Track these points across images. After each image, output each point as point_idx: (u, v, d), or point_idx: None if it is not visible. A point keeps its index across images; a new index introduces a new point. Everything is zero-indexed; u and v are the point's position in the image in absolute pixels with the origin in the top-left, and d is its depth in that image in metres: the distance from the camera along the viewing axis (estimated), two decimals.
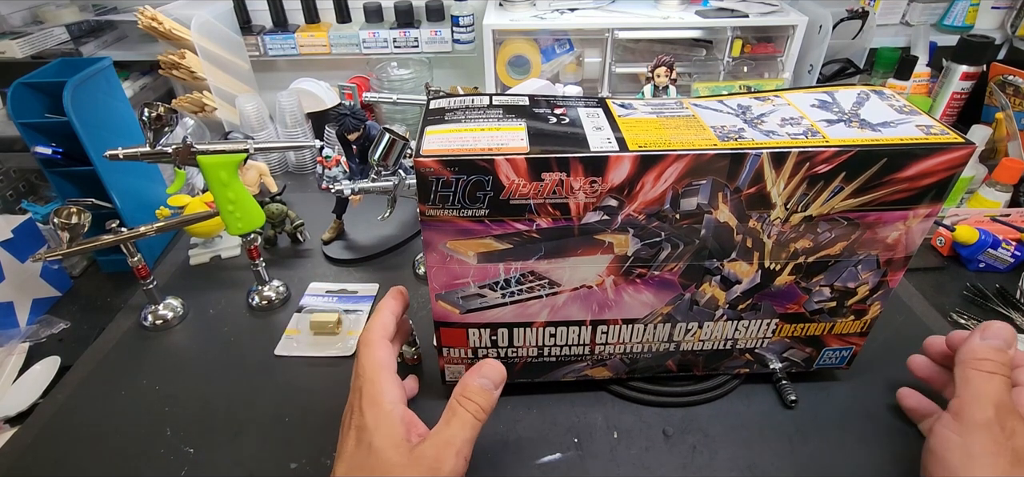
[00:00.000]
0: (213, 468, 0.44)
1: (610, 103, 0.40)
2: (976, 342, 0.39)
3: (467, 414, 0.35)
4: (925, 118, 0.37)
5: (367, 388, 0.36)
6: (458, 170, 0.33)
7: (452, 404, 0.36)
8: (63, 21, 0.90)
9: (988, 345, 0.38)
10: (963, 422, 0.36)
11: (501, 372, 0.38)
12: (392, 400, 0.35)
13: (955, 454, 0.36)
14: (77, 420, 0.49)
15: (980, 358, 0.38)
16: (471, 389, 0.36)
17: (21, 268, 0.62)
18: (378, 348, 0.38)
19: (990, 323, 0.39)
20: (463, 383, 0.37)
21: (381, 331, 0.39)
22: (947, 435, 0.37)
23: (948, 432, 0.37)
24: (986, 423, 0.35)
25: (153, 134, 0.51)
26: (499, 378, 0.38)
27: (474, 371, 0.37)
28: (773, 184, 0.35)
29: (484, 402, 0.36)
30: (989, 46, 0.86)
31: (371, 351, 0.37)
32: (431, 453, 0.34)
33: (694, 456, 0.44)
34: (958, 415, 0.37)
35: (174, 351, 0.56)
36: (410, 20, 0.95)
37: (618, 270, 0.39)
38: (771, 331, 0.45)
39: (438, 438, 0.34)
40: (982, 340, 0.39)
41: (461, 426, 0.35)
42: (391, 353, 0.38)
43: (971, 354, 0.38)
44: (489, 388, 0.37)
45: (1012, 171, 0.71)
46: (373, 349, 0.38)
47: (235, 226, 0.55)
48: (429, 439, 0.34)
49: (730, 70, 0.93)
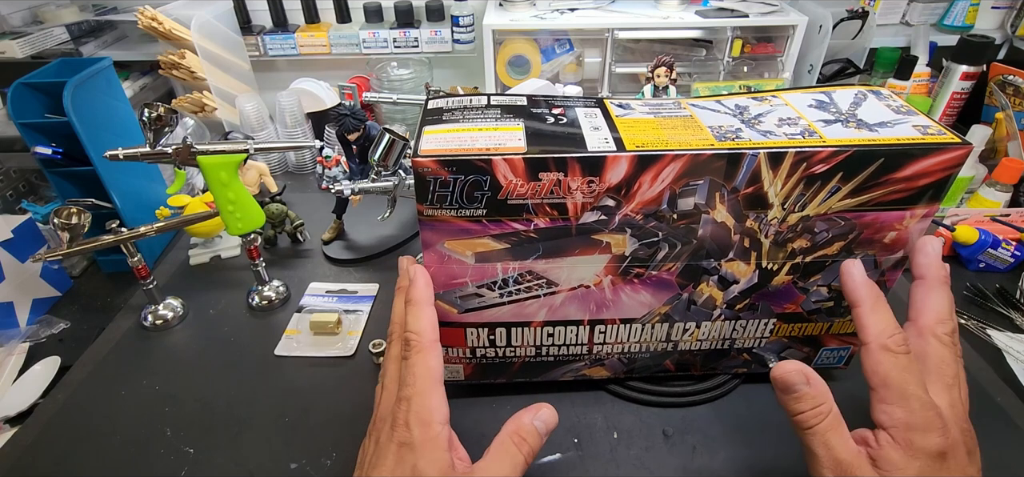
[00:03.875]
0: (213, 468, 0.45)
1: (608, 103, 0.40)
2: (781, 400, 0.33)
3: (520, 455, 0.33)
4: (922, 118, 0.37)
5: (417, 401, 0.32)
6: (456, 170, 0.34)
7: (503, 441, 0.34)
8: (63, 21, 0.90)
9: (790, 399, 0.32)
10: None
11: (556, 418, 0.36)
12: (442, 421, 0.32)
13: None
14: (77, 420, 0.49)
15: (795, 413, 0.32)
16: (526, 430, 0.34)
17: (21, 268, 0.63)
18: (432, 355, 0.33)
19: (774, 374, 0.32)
20: (518, 421, 0.35)
21: (433, 332, 0.34)
22: None
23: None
24: None
25: (153, 134, 0.51)
26: (553, 423, 0.35)
27: (531, 410, 0.35)
28: (770, 184, 0.35)
29: (536, 445, 0.34)
30: (989, 46, 0.86)
31: (425, 358, 0.33)
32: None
33: (694, 456, 0.44)
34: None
35: (174, 351, 0.56)
36: (410, 20, 0.95)
37: (616, 270, 0.39)
38: (769, 331, 0.45)
39: (487, 473, 0.32)
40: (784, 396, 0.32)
41: (511, 466, 0.33)
42: (442, 360, 0.34)
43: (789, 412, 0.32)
44: (542, 432, 0.35)
45: (1012, 171, 0.71)
46: (427, 357, 0.33)
47: (235, 226, 0.56)
48: (478, 473, 0.32)
49: (730, 70, 0.93)
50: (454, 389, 0.49)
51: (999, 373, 0.52)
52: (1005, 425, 0.47)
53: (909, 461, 0.29)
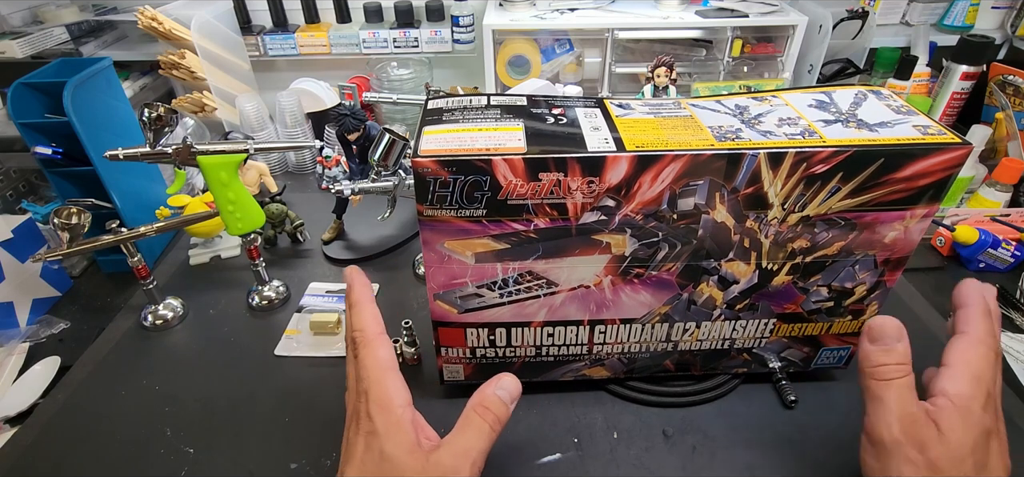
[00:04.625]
0: (213, 468, 0.45)
1: (608, 103, 0.40)
2: (866, 347, 0.35)
3: (484, 425, 0.34)
4: (922, 118, 0.37)
5: (374, 390, 0.34)
6: (456, 170, 0.34)
7: (468, 413, 0.35)
8: (63, 21, 0.90)
9: (879, 349, 0.35)
10: (875, 445, 0.34)
11: (519, 387, 0.37)
12: (401, 404, 0.34)
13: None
14: (77, 420, 0.49)
15: (874, 365, 0.34)
16: (489, 399, 0.35)
17: (21, 268, 0.63)
18: (379, 346, 0.35)
19: (872, 321, 0.36)
20: (481, 393, 0.36)
21: (377, 325, 0.36)
22: (868, 462, 0.35)
23: (868, 458, 0.35)
24: (895, 444, 0.32)
25: (153, 134, 0.51)
26: (517, 392, 0.37)
27: (492, 382, 0.36)
28: (770, 184, 0.35)
29: (501, 413, 0.35)
30: (989, 46, 0.86)
31: (372, 350, 0.35)
32: (448, 461, 0.33)
33: (694, 456, 0.44)
34: (870, 437, 0.34)
35: (174, 351, 0.56)
36: (410, 20, 0.95)
37: (615, 270, 0.39)
38: (769, 331, 0.45)
39: (455, 446, 0.33)
40: (871, 345, 0.35)
41: (478, 436, 0.34)
42: (391, 350, 0.36)
43: (866, 363, 0.35)
44: (506, 400, 0.36)
45: (1012, 171, 0.71)
46: (374, 349, 0.35)
47: (235, 226, 0.56)
48: (445, 447, 0.33)
49: (730, 70, 0.93)
50: (454, 389, 0.49)
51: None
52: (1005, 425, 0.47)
53: (966, 429, 0.32)
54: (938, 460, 0.31)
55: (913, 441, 0.32)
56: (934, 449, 0.31)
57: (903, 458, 0.32)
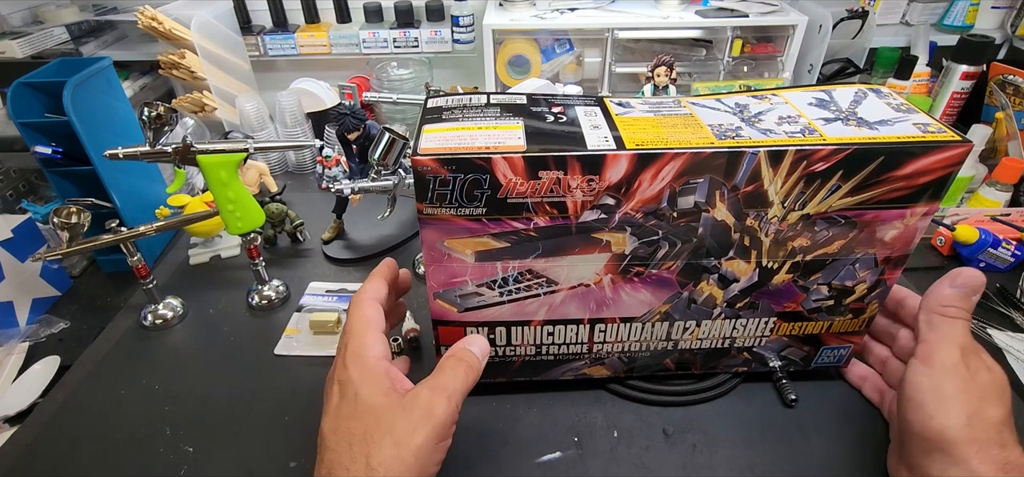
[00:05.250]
0: (213, 467, 0.44)
1: (608, 102, 0.40)
2: (946, 289, 0.40)
3: (459, 367, 0.36)
4: (922, 116, 0.37)
5: (352, 343, 0.36)
6: (455, 168, 0.33)
7: (442, 361, 0.37)
8: (63, 21, 0.90)
9: (955, 292, 0.39)
10: (932, 366, 0.38)
11: (487, 346, 0.39)
12: (377, 355, 0.35)
13: (928, 396, 0.37)
14: (77, 420, 0.49)
15: (946, 304, 0.39)
16: (460, 350, 0.38)
17: (21, 268, 0.63)
18: (366, 306, 0.37)
19: (961, 270, 0.40)
20: (454, 347, 0.38)
21: (372, 293, 0.39)
22: (919, 380, 0.38)
23: (919, 377, 0.38)
24: (954, 365, 0.37)
25: (153, 134, 0.51)
26: (487, 347, 0.39)
27: (462, 340, 0.39)
28: (770, 182, 0.35)
29: (473, 362, 0.37)
30: (989, 46, 0.86)
31: (359, 309, 0.37)
32: (425, 395, 0.34)
33: (694, 455, 0.44)
34: (927, 359, 0.39)
35: (174, 351, 0.56)
36: (410, 20, 0.95)
37: (616, 269, 0.39)
38: (769, 329, 0.45)
39: (430, 383, 0.35)
40: (951, 288, 0.40)
41: (452, 376, 0.36)
42: (379, 313, 0.38)
43: (938, 301, 0.40)
44: (477, 352, 0.38)
45: (1012, 171, 0.71)
46: (362, 307, 0.37)
47: (235, 226, 0.56)
48: (420, 385, 0.35)
49: (730, 70, 0.93)
50: None
51: None
52: None
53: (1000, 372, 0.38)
54: (986, 385, 0.37)
55: (970, 366, 0.37)
56: (983, 375, 0.37)
57: (958, 377, 0.37)
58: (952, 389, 0.37)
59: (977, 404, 0.36)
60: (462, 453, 0.44)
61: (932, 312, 0.40)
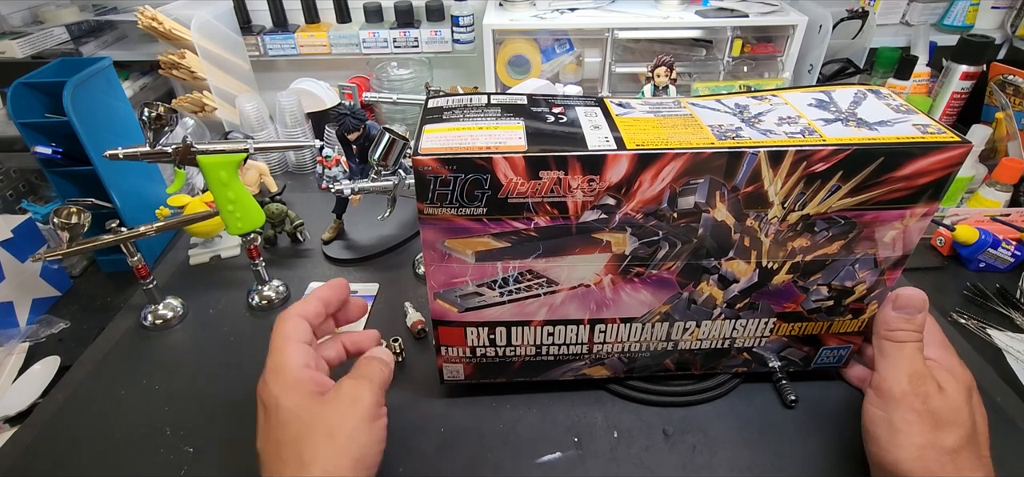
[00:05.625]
0: (213, 467, 0.44)
1: (608, 102, 0.40)
2: (888, 313, 0.40)
3: (372, 361, 0.39)
4: (922, 117, 0.37)
5: (270, 360, 0.37)
6: (456, 168, 0.34)
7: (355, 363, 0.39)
8: (63, 21, 0.90)
9: (899, 315, 0.40)
10: (883, 397, 0.38)
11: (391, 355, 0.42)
12: (297, 365, 0.36)
13: (882, 429, 0.38)
14: (77, 420, 0.49)
15: (892, 329, 0.40)
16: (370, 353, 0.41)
17: (21, 268, 0.63)
18: (286, 322, 0.38)
19: (900, 291, 0.40)
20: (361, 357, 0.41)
21: (297, 309, 0.39)
22: (872, 412, 0.39)
23: (873, 408, 0.39)
24: (903, 394, 0.37)
25: (153, 134, 0.51)
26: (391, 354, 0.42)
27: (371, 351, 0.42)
28: (770, 183, 0.35)
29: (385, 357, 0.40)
30: (989, 46, 0.86)
31: (278, 326, 0.38)
32: (347, 385, 0.36)
33: (694, 456, 0.44)
34: (879, 390, 0.39)
35: (174, 351, 0.56)
36: (410, 20, 0.95)
37: (616, 269, 0.39)
38: (769, 330, 0.45)
39: (351, 375, 0.37)
40: (893, 311, 0.40)
41: (368, 367, 0.38)
42: (301, 326, 0.38)
43: (884, 325, 0.40)
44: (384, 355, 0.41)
45: (1012, 171, 0.71)
46: (281, 324, 0.38)
47: (235, 226, 0.55)
48: (341, 380, 0.37)
49: (730, 70, 0.93)
50: (454, 389, 0.49)
51: (999, 373, 0.52)
52: (1005, 425, 0.47)
53: (957, 385, 0.37)
54: (939, 410, 0.36)
55: (918, 393, 0.37)
56: (935, 400, 0.36)
57: (908, 407, 0.37)
58: (902, 421, 0.36)
59: (929, 434, 0.35)
60: (462, 453, 0.44)
61: (881, 338, 0.40)
